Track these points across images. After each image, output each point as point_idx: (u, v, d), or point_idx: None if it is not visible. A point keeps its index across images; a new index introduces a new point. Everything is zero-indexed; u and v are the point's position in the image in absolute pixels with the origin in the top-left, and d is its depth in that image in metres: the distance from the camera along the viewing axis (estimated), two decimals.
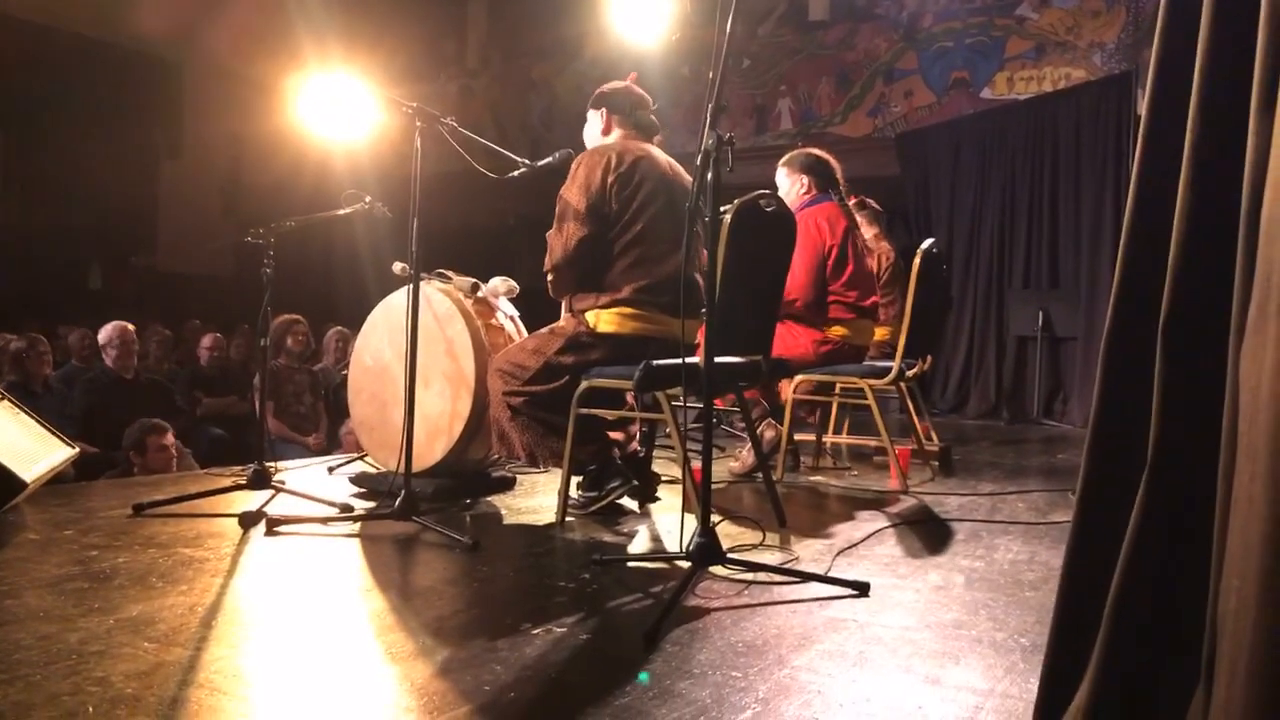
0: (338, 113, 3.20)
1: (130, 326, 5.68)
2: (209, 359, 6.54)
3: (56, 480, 3.25)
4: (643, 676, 1.65)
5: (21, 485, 2.68)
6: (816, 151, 4.38)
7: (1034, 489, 3.87)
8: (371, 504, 3.27)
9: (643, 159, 3.08)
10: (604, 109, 3.27)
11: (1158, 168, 1.10)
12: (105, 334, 5.62)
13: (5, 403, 3.16)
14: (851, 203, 4.41)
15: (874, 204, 5.15)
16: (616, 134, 3.25)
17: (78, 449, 3.46)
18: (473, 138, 3.08)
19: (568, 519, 3.04)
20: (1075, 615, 1.11)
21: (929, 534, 2.98)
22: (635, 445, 3.39)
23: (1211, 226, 1.00)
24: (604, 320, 3.06)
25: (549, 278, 3.17)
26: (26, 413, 3.27)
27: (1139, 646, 1.01)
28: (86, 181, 10.57)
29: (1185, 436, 1.01)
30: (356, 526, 2.91)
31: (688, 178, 3.22)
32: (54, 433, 3.33)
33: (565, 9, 10.14)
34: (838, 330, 4.07)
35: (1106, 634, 1.02)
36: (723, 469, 4.06)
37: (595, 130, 3.30)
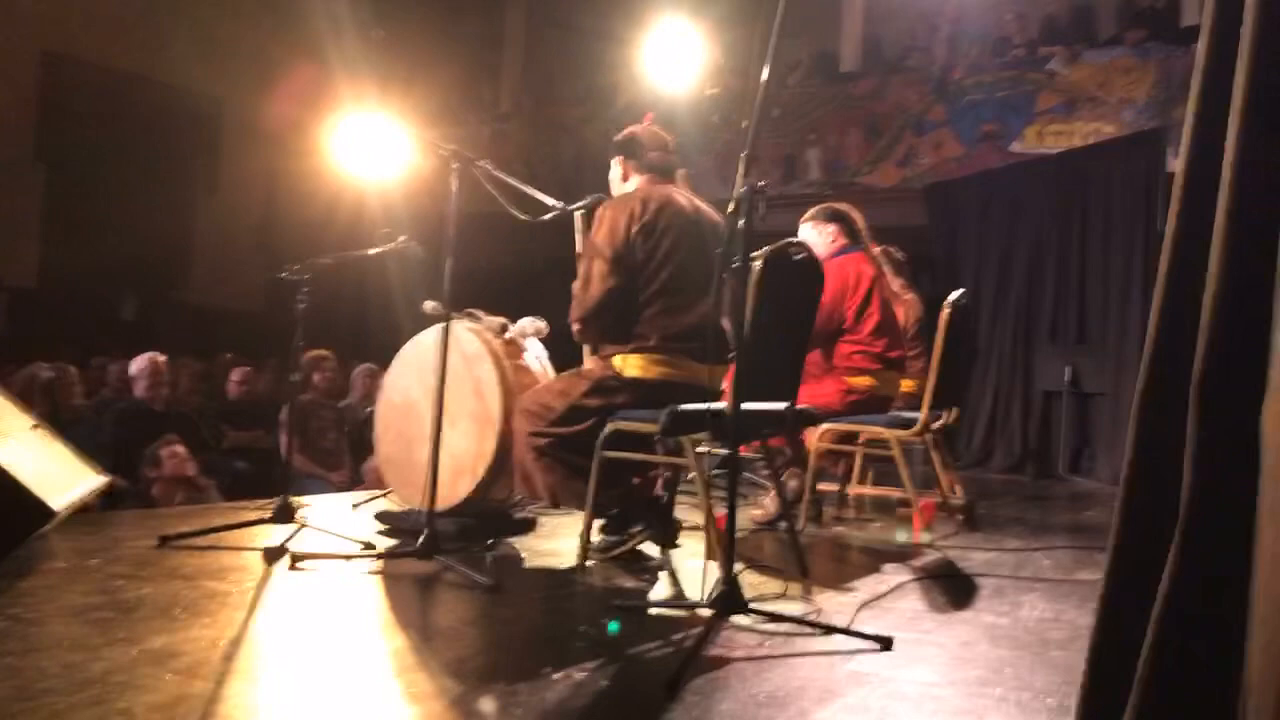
0: (372, 153, 3.27)
1: (161, 358, 5.75)
2: (237, 392, 6.61)
3: (83, 509, 3.28)
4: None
5: (51, 514, 2.71)
6: (839, 205, 4.41)
7: (1060, 545, 3.82)
8: (394, 542, 3.28)
9: (667, 206, 3.09)
10: (620, 157, 3.30)
11: (1192, 225, 1.10)
12: (136, 365, 5.69)
13: (40, 431, 3.20)
14: (875, 252, 4.42)
15: (898, 253, 5.14)
16: (636, 180, 3.27)
17: (108, 479, 3.49)
18: (506, 180, 3.12)
19: (589, 563, 3.03)
20: (1106, 676, 1.10)
21: (953, 589, 2.94)
22: (658, 490, 3.38)
23: (1246, 286, 1.00)
24: (630, 365, 3.07)
25: (575, 328, 3.17)
26: (60, 441, 3.31)
27: (1173, 708, 1.00)
28: (125, 216, 10.78)
29: (1218, 496, 1.01)
30: (379, 564, 2.92)
31: (712, 215, 3.24)
32: (86, 462, 3.37)
33: (599, 57, 10.31)
34: (864, 380, 4.06)
35: (1139, 696, 1.01)
36: (745, 517, 4.04)
37: (616, 178, 3.33)
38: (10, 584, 2.46)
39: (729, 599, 2.21)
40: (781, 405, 3.01)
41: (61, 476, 3.06)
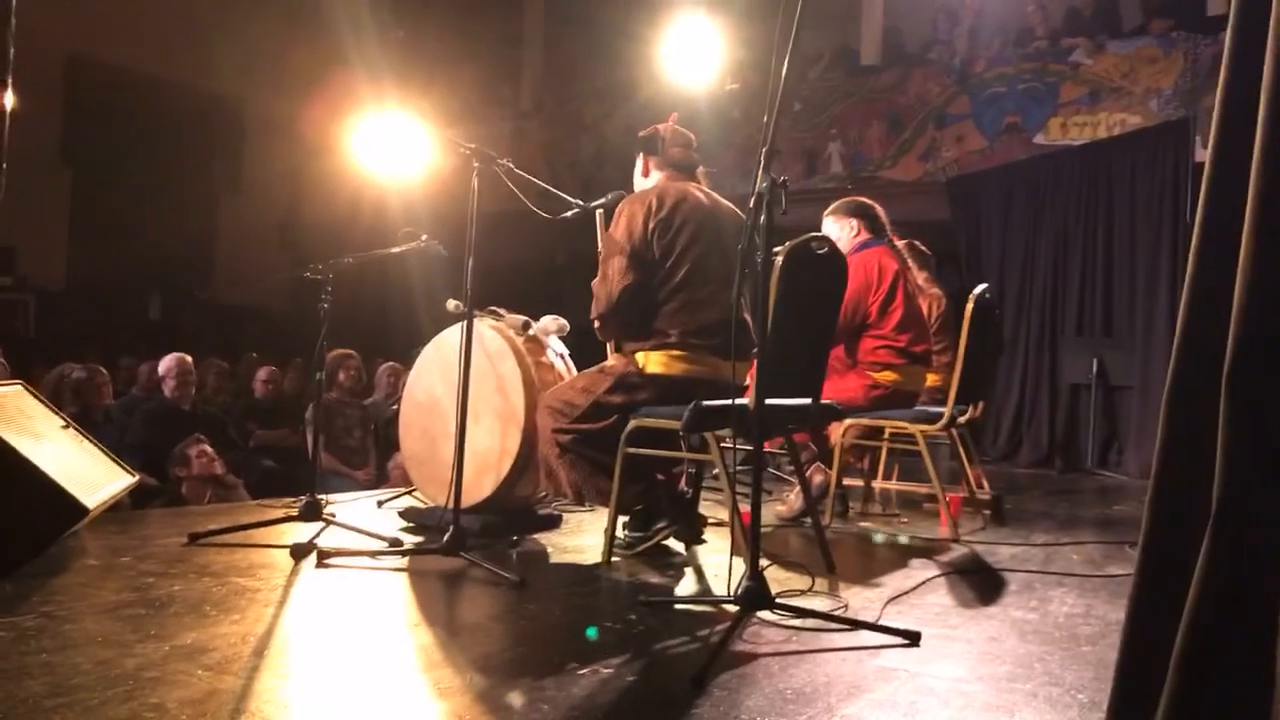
0: (394, 152, 3.28)
1: (188, 358, 5.81)
2: (264, 391, 6.66)
3: (114, 508, 3.32)
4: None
5: (84, 511, 2.75)
6: (862, 199, 4.39)
7: (1089, 540, 3.78)
8: (420, 538, 3.30)
9: (683, 201, 3.09)
10: (642, 153, 3.33)
11: (1222, 216, 1.09)
12: (164, 365, 5.75)
13: (71, 431, 3.24)
14: (900, 245, 4.40)
15: (922, 247, 5.12)
16: (656, 175, 3.29)
17: (138, 477, 3.53)
18: (527, 178, 3.13)
19: (614, 559, 3.04)
20: (1138, 671, 1.09)
21: (981, 584, 2.92)
22: (683, 486, 3.38)
23: (1278, 275, 0.99)
24: (653, 361, 3.07)
25: (595, 325, 3.18)
26: (91, 440, 3.35)
27: (1208, 704, 0.99)
28: (149, 217, 10.91)
29: (1252, 486, 0.99)
30: (405, 560, 2.94)
31: (732, 210, 3.23)
32: (116, 460, 3.41)
33: (618, 53, 10.30)
34: (889, 375, 4.04)
35: (1172, 691, 1.00)
36: (770, 513, 4.03)
37: (638, 174, 3.35)
38: (43, 581, 2.50)
39: (755, 594, 2.20)
40: (805, 400, 3.00)
41: (92, 475, 3.10)
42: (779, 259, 2.57)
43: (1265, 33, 1.05)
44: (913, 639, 2.17)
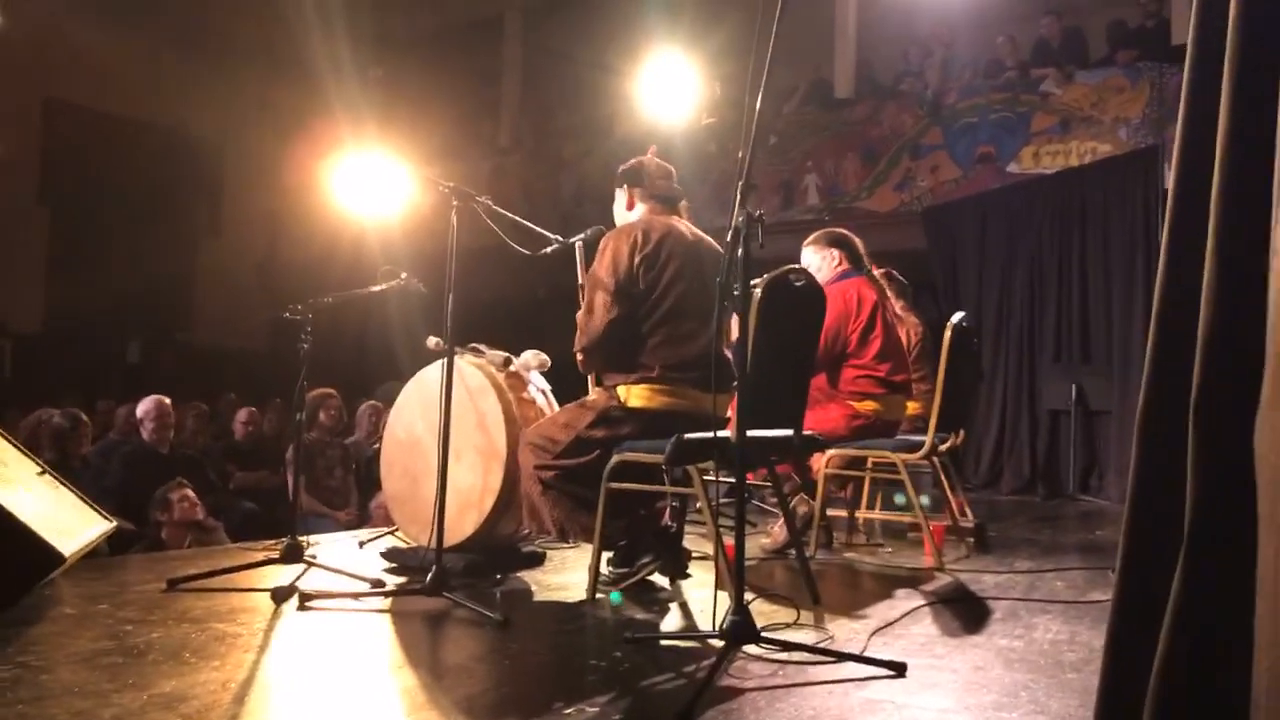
0: (373, 191, 3.29)
1: (167, 400, 5.76)
2: (243, 433, 6.62)
3: (91, 554, 3.28)
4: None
5: (60, 559, 2.71)
6: (839, 230, 4.44)
7: (1072, 566, 3.79)
8: (402, 579, 3.27)
9: (668, 236, 3.11)
10: (625, 185, 3.31)
11: (1185, 246, 1.11)
12: (143, 408, 5.71)
13: (46, 476, 3.21)
14: (877, 274, 4.44)
15: (899, 276, 5.17)
16: (640, 209, 3.28)
17: (115, 523, 3.49)
18: (506, 215, 3.14)
19: (598, 595, 3.02)
20: (1119, 698, 1.09)
21: (966, 613, 2.92)
22: (666, 520, 3.37)
23: (1240, 303, 1.00)
24: (634, 395, 3.07)
25: (579, 357, 3.18)
26: (66, 486, 3.32)
27: None
28: (128, 259, 10.86)
29: (1221, 513, 1.01)
30: (388, 602, 2.91)
31: (714, 246, 3.25)
32: (92, 506, 3.37)
33: (595, 90, 10.40)
34: (869, 405, 4.06)
35: (1152, 712, 1.00)
36: (754, 545, 4.02)
37: (620, 207, 3.34)
38: (19, 631, 2.46)
39: (740, 628, 2.20)
40: (788, 431, 3.01)
41: (69, 522, 3.06)
42: (758, 291, 2.59)
43: (1221, 66, 1.07)
44: (899, 670, 2.16)
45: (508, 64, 11.93)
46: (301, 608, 2.79)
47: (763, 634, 2.25)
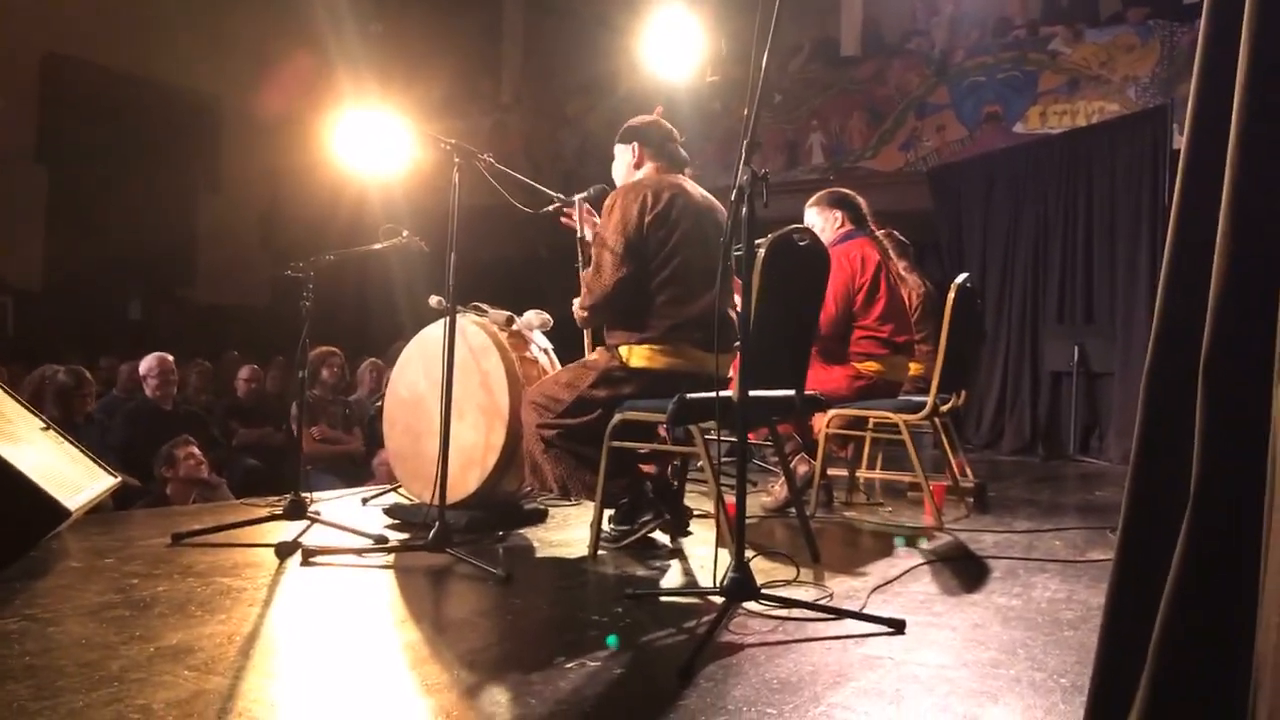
0: (374, 148, 3.26)
1: (169, 358, 5.77)
2: (246, 390, 6.63)
3: (96, 509, 3.30)
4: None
5: (66, 514, 2.72)
6: (843, 190, 4.41)
7: (1071, 526, 3.82)
8: (405, 535, 3.29)
9: (678, 195, 3.09)
10: (635, 143, 3.26)
11: (1197, 205, 1.09)
12: (145, 365, 5.72)
13: (50, 432, 3.22)
14: (879, 234, 4.42)
15: (900, 236, 5.13)
16: (648, 167, 3.25)
17: (119, 479, 3.51)
18: (509, 173, 3.12)
19: (600, 552, 3.04)
20: (1119, 655, 1.10)
21: (965, 571, 2.94)
22: (667, 478, 3.39)
23: (1253, 265, 1.00)
24: (637, 355, 3.07)
25: (583, 314, 3.16)
26: (71, 442, 3.33)
27: (1185, 687, 1.00)
28: (128, 216, 10.79)
29: (1228, 474, 1.01)
30: (390, 558, 2.93)
31: (722, 209, 3.22)
32: (97, 462, 3.39)
33: (598, 46, 10.28)
34: (872, 366, 4.06)
35: (1151, 674, 1.01)
36: (755, 504, 4.04)
37: (625, 165, 3.29)
38: (26, 584, 2.48)
39: (741, 585, 2.21)
40: (789, 391, 3.01)
41: (74, 477, 3.08)
42: (761, 252, 2.58)
43: (1239, 20, 1.05)
44: (897, 627, 2.18)
45: (509, 19, 11.79)
46: (305, 563, 2.81)
47: (763, 591, 2.27)
